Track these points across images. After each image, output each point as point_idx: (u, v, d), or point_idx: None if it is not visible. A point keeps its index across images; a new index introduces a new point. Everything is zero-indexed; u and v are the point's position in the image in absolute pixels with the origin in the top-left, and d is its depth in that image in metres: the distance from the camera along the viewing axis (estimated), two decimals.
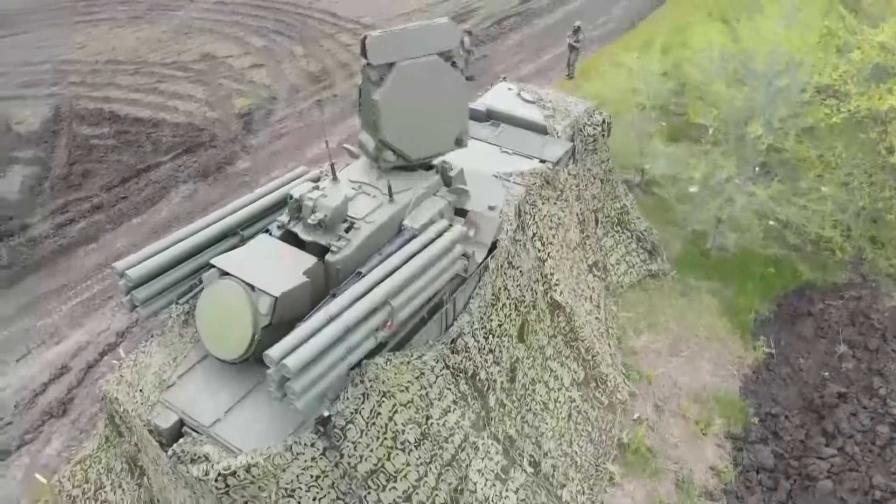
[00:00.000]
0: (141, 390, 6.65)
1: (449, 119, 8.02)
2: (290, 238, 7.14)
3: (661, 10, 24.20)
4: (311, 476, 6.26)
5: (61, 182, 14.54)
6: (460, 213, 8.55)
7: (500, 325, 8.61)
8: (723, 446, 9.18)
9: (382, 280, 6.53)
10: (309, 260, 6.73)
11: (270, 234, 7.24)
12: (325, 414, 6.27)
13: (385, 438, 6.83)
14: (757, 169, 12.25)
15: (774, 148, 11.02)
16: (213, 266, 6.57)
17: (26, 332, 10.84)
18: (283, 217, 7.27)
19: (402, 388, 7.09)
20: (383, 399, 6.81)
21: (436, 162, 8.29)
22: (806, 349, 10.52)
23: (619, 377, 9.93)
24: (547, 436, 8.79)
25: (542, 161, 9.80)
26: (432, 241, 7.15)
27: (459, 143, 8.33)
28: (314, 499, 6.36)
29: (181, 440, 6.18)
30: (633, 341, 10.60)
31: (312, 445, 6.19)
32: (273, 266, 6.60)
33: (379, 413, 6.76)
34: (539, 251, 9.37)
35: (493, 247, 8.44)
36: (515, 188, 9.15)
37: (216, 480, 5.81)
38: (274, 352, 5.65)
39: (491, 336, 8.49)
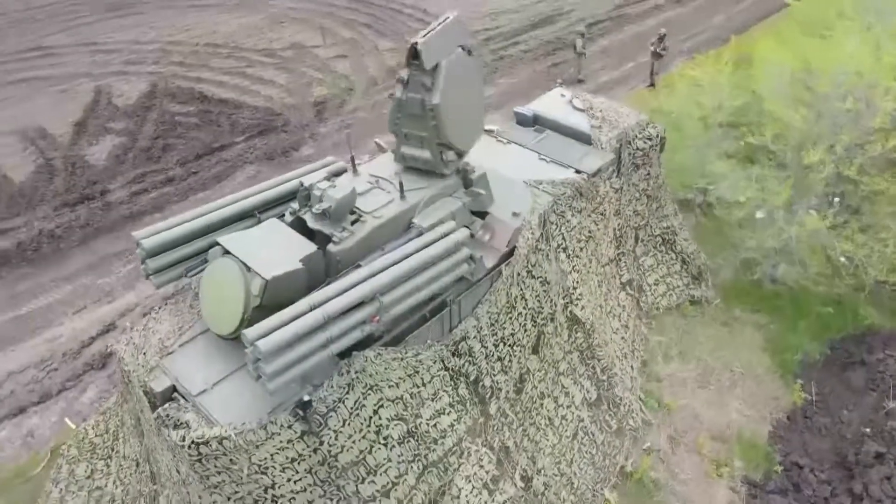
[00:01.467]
0: (144, 353, 7.09)
1: (477, 106, 8.06)
2: (300, 225, 7.34)
3: (764, 22, 22.80)
4: (287, 458, 6.41)
5: (143, 154, 15.66)
6: (481, 216, 8.49)
7: (512, 334, 8.47)
8: (737, 491, 8.59)
9: (374, 274, 6.59)
10: (309, 248, 6.89)
11: (283, 219, 7.48)
12: (306, 398, 6.40)
13: (368, 431, 6.89)
14: (836, 200, 11.32)
15: (849, 178, 10.15)
16: (219, 244, 6.89)
17: (87, 289, 11.81)
18: (295, 204, 7.50)
19: (392, 384, 7.13)
20: (369, 392, 6.86)
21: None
22: (852, 400, 9.62)
23: (636, 402, 9.51)
24: (545, 452, 8.58)
25: (578, 172, 9.53)
26: (435, 241, 7.14)
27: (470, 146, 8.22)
28: (289, 480, 6.53)
29: (167, 404, 6.54)
30: (659, 367, 10.11)
31: (290, 427, 6.32)
32: (273, 250, 6.82)
33: (363, 405, 6.82)
34: (563, 263, 9.13)
35: (511, 254, 8.31)
36: (544, 196, 8.96)
37: (190, 447, 6.09)
38: (250, 332, 5.84)
39: (502, 344, 8.37)
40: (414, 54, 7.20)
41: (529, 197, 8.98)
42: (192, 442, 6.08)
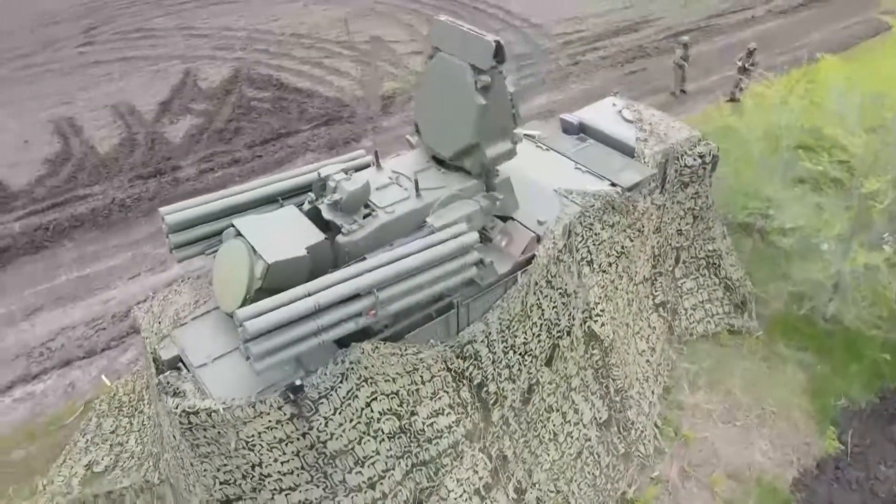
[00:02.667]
0: (159, 322, 7.52)
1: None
2: (316, 214, 7.52)
3: (872, 41, 21.18)
4: (275, 437, 6.60)
5: (216, 135, 16.50)
6: (505, 221, 8.42)
7: (524, 343, 8.34)
8: None
9: (374, 269, 6.66)
10: (317, 236, 7.05)
11: (301, 206, 7.69)
12: (297, 383, 6.56)
13: (358, 422, 6.99)
14: None
15: None
16: (233, 225, 7.18)
17: (144, 257, 12.60)
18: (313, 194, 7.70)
19: (388, 378, 7.19)
20: (363, 384, 6.94)
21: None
22: (893, 456, 8.79)
23: (650, 429, 9.12)
24: (543, 467, 8.40)
25: (614, 184, 9.23)
26: (442, 241, 7.12)
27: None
28: (276, 460, 6.73)
29: (169, 372, 6.90)
30: (684, 395, 9.64)
31: (279, 409, 6.48)
32: (282, 235, 7.02)
33: (356, 396, 6.91)
34: (585, 277, 8.88)
35: (529, 261, 8.18)
36: (573, 207, 8.75)
37: (181, 415, 6.40)
38: (241, 312, 6.05)
39: (512, 352, 8.27)
40: None
41: (558, 206, 8.80)
42: (183, 411, 6.38)
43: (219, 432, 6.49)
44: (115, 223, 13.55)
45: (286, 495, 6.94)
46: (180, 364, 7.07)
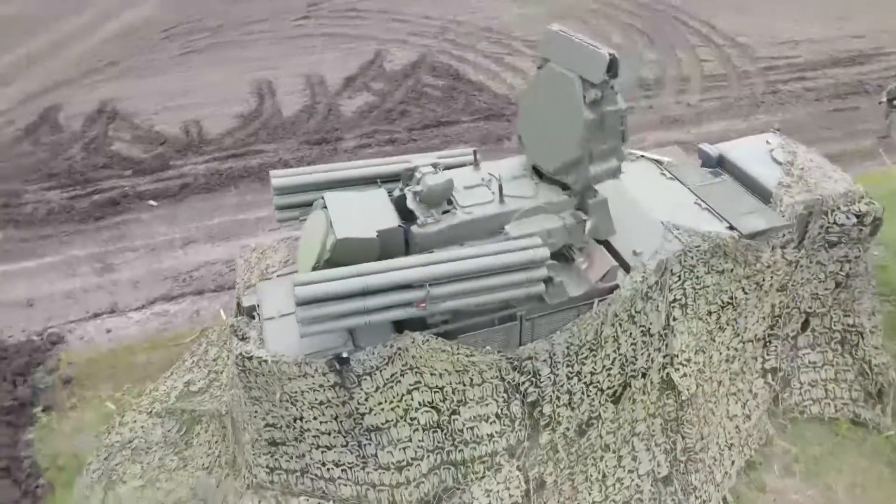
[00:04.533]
0: (251, 272, 8.34)
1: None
2: (402, 202, 7.80)
3: None
4: (316, 399, 7.08)
5: (384, 114, 17.54)
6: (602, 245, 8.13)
7: (591, 373, 8.00)
8: None
9: (430, 263, 6.79)
10: (392, 222, 7.33)
11: (391, 191, 8.02)
12: (344, 355, 6.95)
13: (397, 406, 7.25)
14: None
15: None
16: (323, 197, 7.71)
17: None
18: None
19: (435, 373, 7.33)
20: (408, 371, 7.16)
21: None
22: None
23: (716, 501, 8.19)
24: None
25: (732, 228, 8.36)
26: (510, 251, 7.03)
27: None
28: (315, 419, 7.24)
29: (243, 317, 7.65)
30: (771, 477, 8.49)
31: (324, 375, 6.91)
32: (361, 215, 7.39)
33: (399, 381, 7.15)
34: (675, 320, 8.19)
35: (611, 290, 7.78)
36: (675, 243, 8.11)
37: (238, 357, 7.09)
38: (298, 277, 6.56)
39: (576, 379, 7.97)
40: None
41: (661, 239, 8.21)
42: (240, 354, 7.07)
43: (267, 381, 7.09)
44: None
45: (322, 452, 7.41)
46: (255, 313, 7.79)
